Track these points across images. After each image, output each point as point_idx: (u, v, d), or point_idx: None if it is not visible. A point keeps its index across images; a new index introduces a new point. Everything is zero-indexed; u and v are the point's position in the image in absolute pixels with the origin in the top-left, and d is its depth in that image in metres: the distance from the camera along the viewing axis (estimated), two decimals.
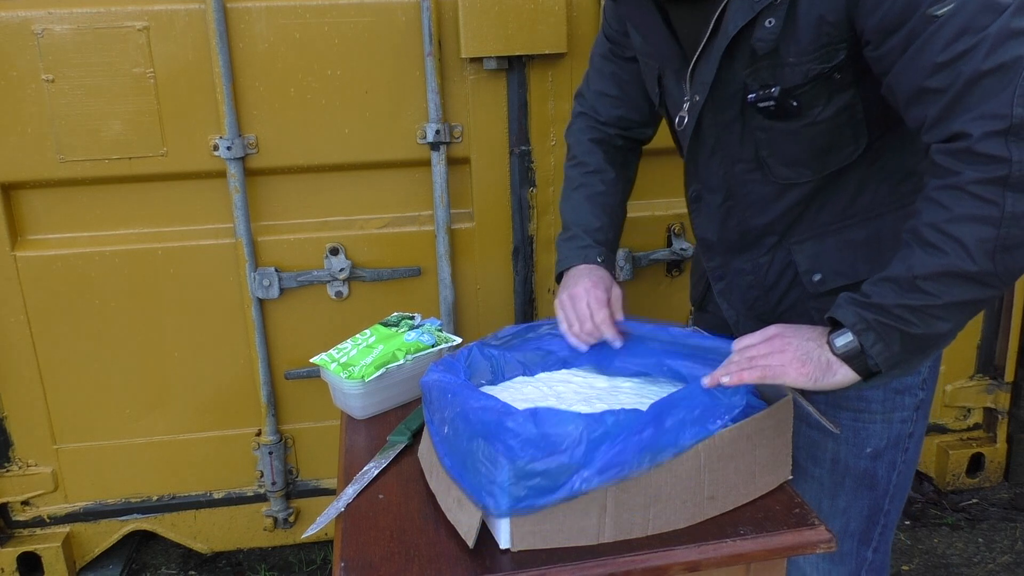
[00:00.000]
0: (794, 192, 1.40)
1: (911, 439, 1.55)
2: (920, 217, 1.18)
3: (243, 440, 2.61)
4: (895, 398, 1.50)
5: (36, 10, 2.16)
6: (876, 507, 1.58)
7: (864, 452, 1.53)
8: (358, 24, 2.27)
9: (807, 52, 1.24)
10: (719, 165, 1.43)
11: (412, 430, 1.55)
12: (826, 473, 1.56)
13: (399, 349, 1.69)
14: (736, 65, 1.30)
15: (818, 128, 1.31)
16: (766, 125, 1.34)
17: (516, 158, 2.44)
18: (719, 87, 1.34)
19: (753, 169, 1.40)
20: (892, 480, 1.56)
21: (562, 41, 2.29)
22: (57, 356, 2.46)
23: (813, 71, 1.25)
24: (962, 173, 1.12)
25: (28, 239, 2.38)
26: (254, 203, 2.40)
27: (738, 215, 1.46)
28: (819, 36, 1.22)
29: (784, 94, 1.29)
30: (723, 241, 1.52)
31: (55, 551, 2.58)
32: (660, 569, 1.21)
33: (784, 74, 1.27)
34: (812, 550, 1.26)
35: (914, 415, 1.53)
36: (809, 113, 1.30)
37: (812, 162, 1.36)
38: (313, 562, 2.82)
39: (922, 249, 1.16)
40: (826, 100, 1.29)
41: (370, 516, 1.32)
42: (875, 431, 1.51)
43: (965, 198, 1.12)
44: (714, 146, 1.42)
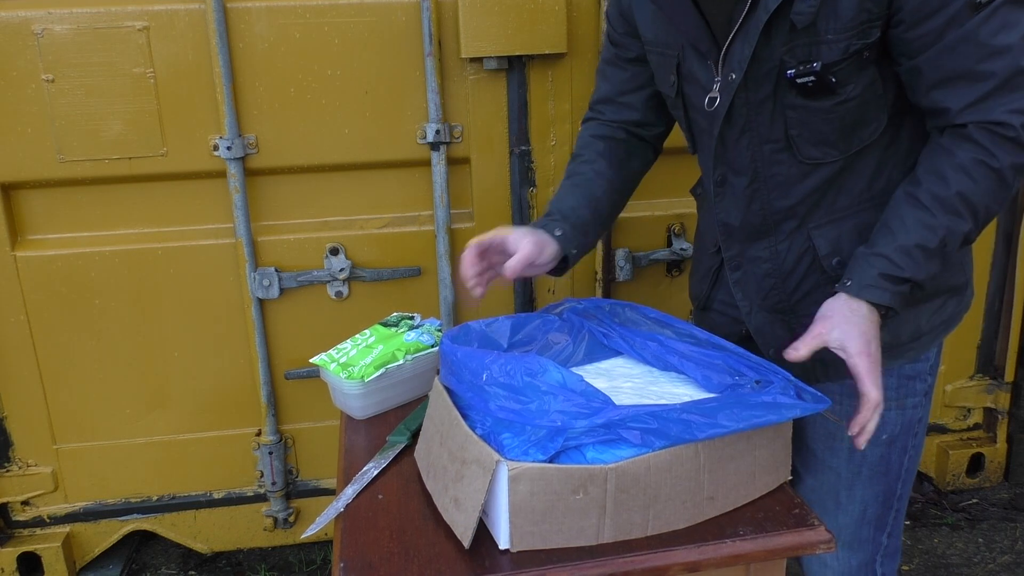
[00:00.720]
0: (819, 173, 1.42)
1: (920, 423, 1.60)
2: (949, 184, 1.28)
3: (243, 440, 2.61)
4: (908, 384, 1.55)
5: (36, 10, 2.16)
6: (890, 492, 1.62)
7: (880, 439, 1.55)
8: (358, 24, 2.27)
9: (847, 28, 1.26)
10: (747, 146, 1.44)
11: (412, 430, 1.55)
12: (843, 463, 1.60)
13: (399, 349, 1.69)
14: (774, 42, 1.31)
15: (848, 106, 1.34)
16: (799, 103, 1.35)
17: (516, 158, 2.44)
18: (755, 65, 1.34)
19: (781, 149, 1.41)
20: (904, 464, 1.61)
21: (562, 41, 2.29)
22: (57, 356, 2.46)
23: (853, 47, 1.28)
24: (1001, 157, 1.24)
25: (28, 239, 2.38)
26: (254, 203, 2.40)
27: (762, 198, 1.47)
28: (860, 12, 1.25)
29: (824, 69, 1.30)
30: (745, 226, 1.51)
31: (55, 551, 2.58)
32: (660, 569, 1.21)
33: (822, 51, 1.29)
34: (812, 551, 1.26)
35: (923, 400, 1.58)
36: (843, 90, 1.32)
37: (840, 141, 1.38)
38: (313, 562, 2.82)
39: (952, 217, 1.28)
40: (857, 77, 1.31)
41: (370, 516, 1.32)
42: (890, 418, 1.54)
43: (994, 179, 1.26)
44: (744, 126, 1.42)
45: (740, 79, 1.36)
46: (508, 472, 1.16)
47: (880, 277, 1.30)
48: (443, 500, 1.28)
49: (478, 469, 1.19)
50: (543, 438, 1.19)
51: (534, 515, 1.19)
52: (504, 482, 1.17)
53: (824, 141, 1.38)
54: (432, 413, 1.39)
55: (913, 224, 1.30)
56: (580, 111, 2.41)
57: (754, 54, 1.33)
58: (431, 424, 1.38)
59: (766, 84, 1.36)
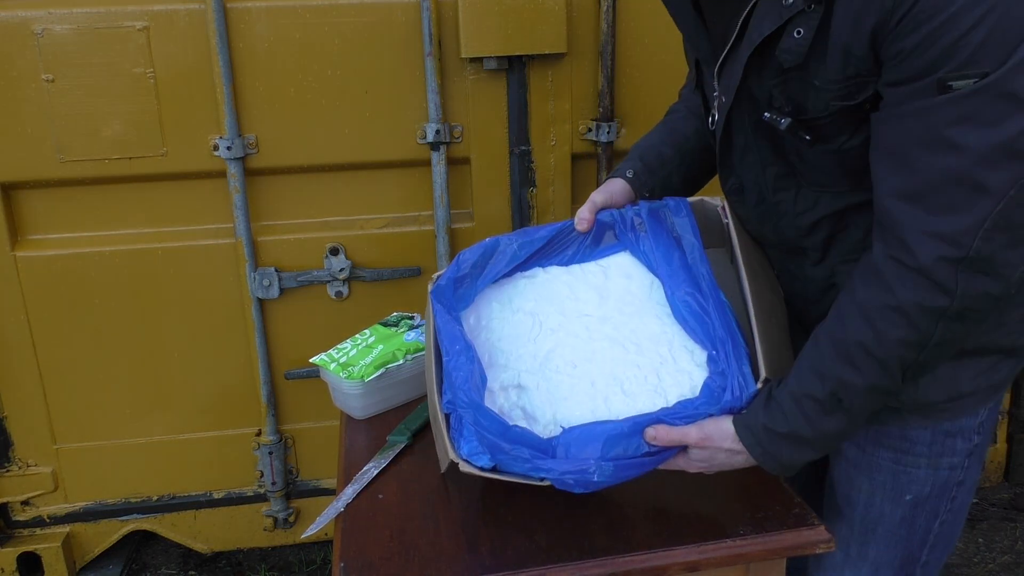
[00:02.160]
0: (832, 201, 1.26)
1: (960, 487, 1.38)
2: (847, 330, 1.14)
3: (243, 440, 2.61)
4: (945, 441, 1.34)
5: (36, 10, 2.16)
6: (911, 557, 1.43)
7: (903, 499, 1.37)
8: (358, 24, 2.27)
9: (833, 81, 1.11)
10: (752, 165, 1.32)
11: (412, 430, 1.56)
12: (858, 516, 1.42)
13: (399, 349, 1.69)
14: (764, 73, 1.18)
15: (848, 153, 1.18)
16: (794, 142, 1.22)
17: (516, 158, 2.44)
18: (745, 92, 1.22)
19: (786, 175, 1.28)
20: (933, 529, 1.40)
21: (562, 41, 2.29)
22: (57, 356, 2.46)
23: (835, 107, 1.12)
24: (900, 293, 1.07)
25: (28, 239, 2.38)
26: (254, 203, 2.40)
27: (773, 221, 1.34)
28: (845, 67, 1.08)
29: (794, 126, 1.17)
30: (766, 240, 1.40)
31: (55, 551, 2.58)
32: (660, 569, 1.21)
33: (809, 96, 1.14)
34: (811, 550, 1.27)
35: (965, 461, 1.36)
36: (832, 142, 1.17)
37: (846, 177, 1.22)
38: (313, 562, 2.82)
39: (845, 366, 1.14)
40: (853, 129, 1.15)
41: (370, 516, 1.32)
42: (918, 476, 1.36)
43: (900, 322, 1.09)
44: (744, 147, 1.31)
45: (729, 104, 1.25)
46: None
47: (764, 429, 1.21)
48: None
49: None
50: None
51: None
52: None
53: (829, 174, 1.23)
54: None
55: (807, 370, 1.18)
56: (580, 111, 2.41)
57: (744, 83, 1.20)
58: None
59: (758, 112, 1.23)
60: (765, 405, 1.21)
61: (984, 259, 1.02)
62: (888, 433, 1.35)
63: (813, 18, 1.08)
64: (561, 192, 2.48)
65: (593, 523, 1.29)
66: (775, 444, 1.21)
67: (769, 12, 1.11)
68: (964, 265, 1.03)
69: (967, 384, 1.29)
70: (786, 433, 1.19)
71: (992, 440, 3.01)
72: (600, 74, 2.36)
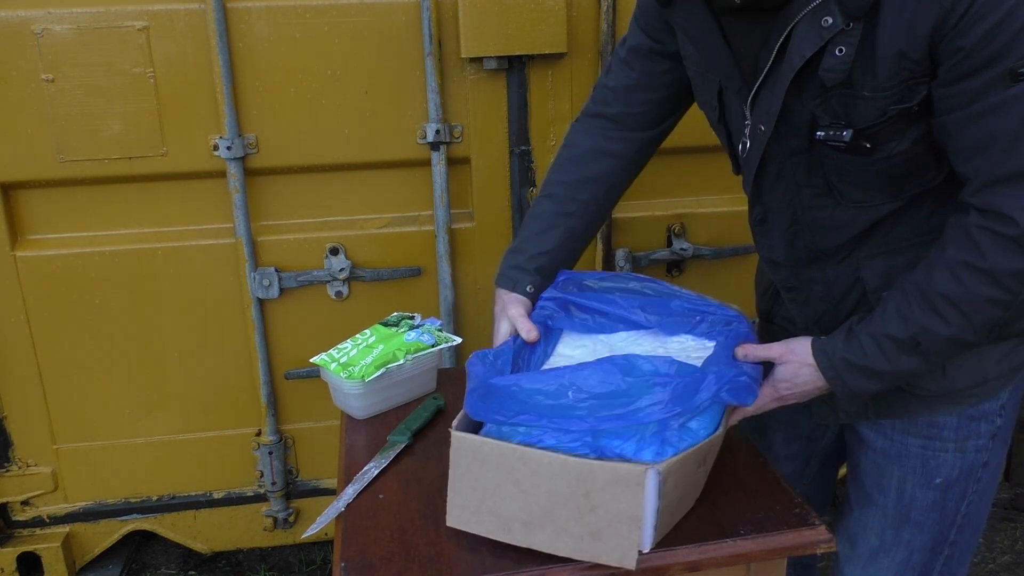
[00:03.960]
0: (867, 215, 1.31)
1: (985, 469, 1.45)
2: (933, 281, 1.19)
3: (243, 440, 2.61)
4: (970, 425, 1.41)
5: (36, 10, 2.16)
6: (941, 538, 1.49)
7: (933, 483, 1.44)
8: (358, 24, 2.27)
9: (885, 88, 1.14)
10: (784, 191, 1.35)
11: (412, 430, 1.55)
12: (891, 503, 1.49)
13: (399, 349, 1.69)
14: (804, 95, 1.20)
15: (895, 160, 1.22)
16: (836, 157, 1.25)
17: (516, 158, 2.43)
18: (785, 117, 1.24)
19: (822, 195, 1.32)
20: (961, 510, 1.47)
21: (562, 41, 2.29)
22: (57, 356, 2.46)
23: (891, 110, 1.16)
24: (994, 259, 1.13)
25: (28, 239, 2.38)
26: (254, 203, 2.40)
27: (806, 238, 1.38)
28: (899, 72, 1.12)
29: (857, 136, 1.19)
30: (792, 260, 1.44)
31: (55, 551, 2.58)
32: (660, 569, 1.21)
33: (858, 107, 1.17)
34: (812, 550, 1.27)
35: (990, 443, 1.43)
36: (885, 147, 1.21)
37: (888, 187, 1.27)
38: (313, 562, 2.82)
39: (930, 315, 1.20)
40: (901, 134, 1.19)
41: (370, 516, 1.32)
42: (946, 460, 1.43)
43: (988, 283, 1.14)
44: (779, 173, 1.33)
45: (770, 132, 1.27)
46: (658, 475, 1.14)
47: (842, 360, 1.29)
48: (567, 543, 1.19)
49: (621, 487, 1.14)
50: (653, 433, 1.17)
51: (671, 506, 1.20)
52: (653, 486, 1.15)
53: (869, 187, 1.28)
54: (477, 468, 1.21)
55: (892, 312, 1.24)
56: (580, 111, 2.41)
57: (784, 106, 1.22)
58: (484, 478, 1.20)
59: (798, 136, 1.26)
60: (845, 337, 1.28)
61: None
62: (916, 422, 1.42)
63: (853, 35, 1.12)
64: None
65: None
66: (849, 373, 1.28)
67: (808, 35, 1.14)
68: None
69: (991, 369, 1.37)
70: (862, 366, 1.26)
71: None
72: (600, 74, 2.36)
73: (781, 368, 1.35)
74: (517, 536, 1.20)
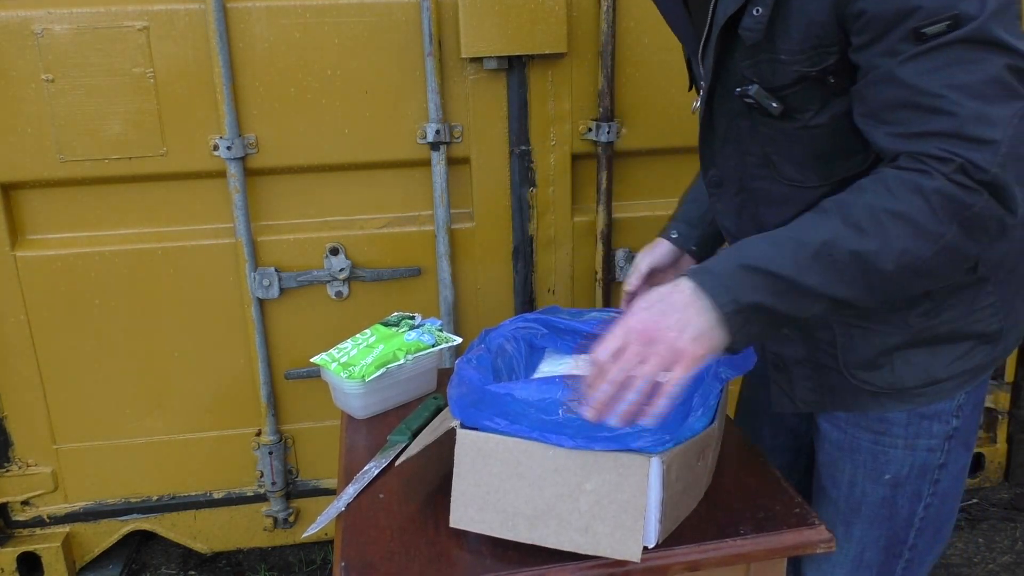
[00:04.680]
0: (803, 196, 1.29)
1: (942, 470, 1.42)
2: (861, 193, 1.11)
3: (243, 440, 2.61)
4: (920, 423, 1.39)
5: (36, 10, 2.16)
6: (896, 539, 1.47)
7: (883, 478, 1.43)
8: (358, 24, 2.27)
9: (796, 52, 1.17)
10: (731, 154, 1.37)
11: (413, 430, 1.55)
12: (842, 497, 1.48)
13: (399, 349, 1.69)
14: (736, 55, 1.24)
15: (815, 132, 1.23)
16: (765, 122, 1.27)
17: (516, 158, 2.44)
18: (723, 76, 1.28)
19: (762, 165, 1.33)
20: (917, 512, 1.44)
21: (562, 41, 2.29)
22: (57, 356, 2.46)
23: (798, 73, 1.18)
24: (931, 182, 1.06)
25: (28, 239, 2.38)
26: (254, 203, 2.40)
27: (751, 210, 1.39)
28: (808, 36, 1.15)
29: (763, 93, 1.22)
30: (742, 233, 1.42)
31: (55, 551, 2.58)
32: (661, 569, 1.21)
33: (777, 71, 1.19)
34: (812, 550, 1.27)
35: (944, 444, 1.40)
36: (800, 116, 1.22)
37: (817, 166, 1.27)
38: (313, 562, 2.82)
39: (843, 223, 1.09)
40: (819, 104, 1.20)
41: (370, 515, 1.32)
42: (895, 456, 1.41)
43: (921, 204, 1.06)
44: (725, 135, 1.35)
45: (707, 89, 1.30)
46: (662, 463, 1.14)
47: (726, 259, 1.12)
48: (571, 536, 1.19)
49: (625, 476, 1.15)
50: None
51: (674, 498, 1.20)
52: (657, 475, 1.15)
53: (800, 164, 1.28)
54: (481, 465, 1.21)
55: (800, 222, 1.13)
56: (580, 111, 2.41)
57: (719, 65, 1.26)
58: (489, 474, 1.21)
59: (736, 98, 1.28)
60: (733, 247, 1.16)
61: (1002, 187, 1.05)
62: (867, 416, 1.41)
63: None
64: (561, 192, 2.48)
65: None
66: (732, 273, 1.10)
67: None
68: (986, 185, 1.05)
69: (942, 371, 1.34)
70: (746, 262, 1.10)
71: (993, 438, 3.01)
72: (600, 74, 2.36)
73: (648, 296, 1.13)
74: (521, 533, 1.20)
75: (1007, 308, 1.34)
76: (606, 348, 1.08)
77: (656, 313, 1.08)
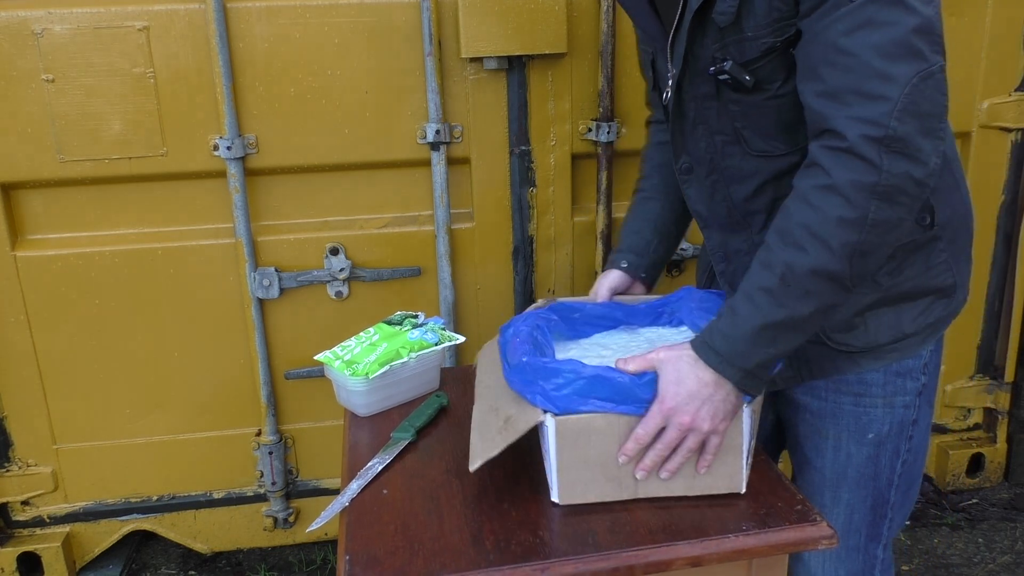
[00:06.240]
0: (771, 165, 1.40)
1: (915, 426, 1.53)
2: (789, 216, 1.22)
3: (243, 440, 2.61)
4: (896, 381, 1.49)
5: (36, 10, 2.16)
6: (881, 498, 1.55)
7: (866, 438, 1.51)
8: (358, 24, 2.28)
9: (762, 26, 1.26)
10: (701, 137, 1.45)
11: (416, 427, 1.56)
12: (828, 464, 1.55)
13: (403, 347, 1.69)
14: (707, 39, 1.32)
15: (781, 101, 1.32)
16: (736, 98, 1.35)
17: (516, 158, 2.44)
18: (692, 61, 1.36)
19: (732, 142, 1.41)
20: (896, 469, 1.54)
21: (562, 41, 2.29)
22: (57, 356, 2.46)
23: (766, 45, 1.27)
24: (835, 174, 1.17)
25: (28, 239, 2.38)
26: (254, 203, 2.41)
27: (723, 190, 1.47)
28: (771, 10, 1.24)
29: (737, 68, 1.30)
30: (714, 216, 1.52)
31: (55, 551, 2.58)
32: (663, 564, 1.21)
33: (745, 48, 1.29)
34: (814, 546, 1.27)
35: (916, 400, 1.51)
36: (769, 87, 1.32)
37: (783, 135, 1.36)
38: (313, 562, 2.82)
39: (790, 249, 1.21)
40: (785, 75, 1.30)
41: (374, 511, 1.33)
42: (876, 416, 1.50)
43: (836, 200, 1.17)
44: (695, 119, 1.43)
45: (677, 74, 1.39)
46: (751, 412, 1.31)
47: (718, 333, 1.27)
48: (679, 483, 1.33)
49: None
50: None
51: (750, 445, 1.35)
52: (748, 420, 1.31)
53: (768, 134, 1.37)
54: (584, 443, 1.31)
55: (756, 266, 1.26)
56: (580, 111, 2.42)
57: (689, 50, 1.35)
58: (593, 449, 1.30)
59: (706, 81, 1.37)
60: (718, 317, 1.29)
61: (901, 139, 1.14)
62: (846, 380, 1.49)
63: None
64: (561, 192, 2.48)
65: (596, 518, 1.29)
66: (727, 344, 1.26)
67: None
68: (885, 144, 1.14)
69: (909, 325, 1.45)
70: (739, 334, 1.25)
71: (993, 438, 3.02)
72: (600, 74, 2.37)
73: (662, 372, 1.29)
74: (633, 490, 1.32)
75: (956, 265, 1.46)
76: (647, 428, 1.27)
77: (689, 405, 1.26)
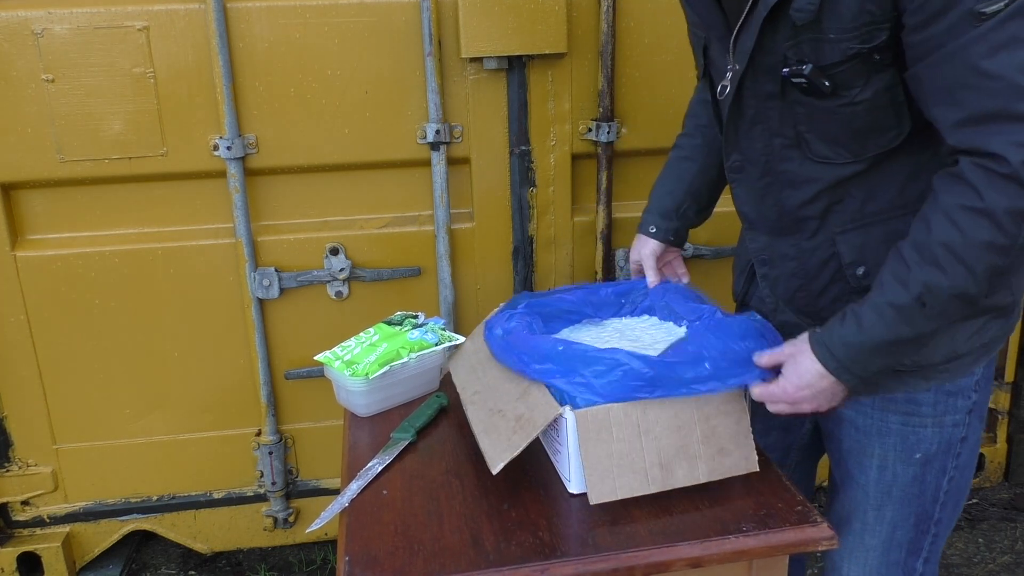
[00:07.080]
0: (833, 172, 1.34)
1: (964, 444, 1.48)
2: (932, 232, 1.17)
3: (243, 440, 2.61)
4: (947, 400, 1.44)
5: (36, 10, 2.16)
6: (925, 515, 1.51)
7: (913, 458, 1.46)
8: (358, 24, 2.28)
9: (848, 29, 1.19)
10: (758, 137, 1.39)
11: (416, 427, 1.56)
12: (872, 481, 1.50)
13: (403, 347, 1.69)
14: (778, 36, 1.25)
15: (856, 108, 1.26)
16: (804, 100, 1.29)
17: (516, 158, 2.44)
18: (759, 57, 1.30)
19: (791, 146, 1.36)
20: (943, 486, 1.49)
21: (562, 41, 2.29)
22: (57, 356, 2.46)
23: (851, 50, 1.20)
24: (989, 197, 1.10)
25: (28, 239, 2.38)
26: (254, 203, 2.41)
27: (775, 193, 1.42)
28: (861, 14, 1.17)
29: (816, 72, 1.24)
30: (763, 219, 1.47)
31: (55, 551, 2.58)
32: (663, 564, 1.22)
33: (824, 50, 1.22)
34: (814, 547, 1.27)
35: (967, 419, 1.46)
36: (847, 93, 1.25)
37: (851, 143, 1.31)
38: (313, 562, 2.82)
39: (931, 269, 1.17)
40: (864, 80, 1.23)
41: (374, 512, 1.33)
42: (925, 436, 1.45)
43: (986, 225, 1.12)
44: (754, 117, 1.38)
45: (742, 71, 1.32)
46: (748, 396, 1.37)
47: (839, 341, 1.26)
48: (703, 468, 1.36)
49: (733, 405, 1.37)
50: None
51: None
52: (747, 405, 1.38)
53: (834, 141, 1.31)
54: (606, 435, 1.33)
55: (889, 279, 1.22)
56: (580, 111, 2.42)
57: (758, 46, 1.28)
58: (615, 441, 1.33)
59: (772, 79, 1.31)
60: (841, 319, 1.26)
61: None
62: (894, 399, 1.44)
63: None
64: (561, 192, 2.48)
65: (597, 519, 1.29)
66: (848, 353, 1.25)
67: None
68: None
69: (963, 345, 1.39)
70: (860, 343, 1.24)
71: (993, 438, 3.02)
72: (600, 74, 2.37)
73: (786, 365, 1.32)
74: (660, 482, 1.33)
75: (1019, 281, 1.40)
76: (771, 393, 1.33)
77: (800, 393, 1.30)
